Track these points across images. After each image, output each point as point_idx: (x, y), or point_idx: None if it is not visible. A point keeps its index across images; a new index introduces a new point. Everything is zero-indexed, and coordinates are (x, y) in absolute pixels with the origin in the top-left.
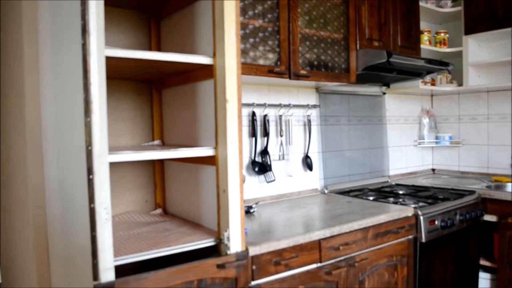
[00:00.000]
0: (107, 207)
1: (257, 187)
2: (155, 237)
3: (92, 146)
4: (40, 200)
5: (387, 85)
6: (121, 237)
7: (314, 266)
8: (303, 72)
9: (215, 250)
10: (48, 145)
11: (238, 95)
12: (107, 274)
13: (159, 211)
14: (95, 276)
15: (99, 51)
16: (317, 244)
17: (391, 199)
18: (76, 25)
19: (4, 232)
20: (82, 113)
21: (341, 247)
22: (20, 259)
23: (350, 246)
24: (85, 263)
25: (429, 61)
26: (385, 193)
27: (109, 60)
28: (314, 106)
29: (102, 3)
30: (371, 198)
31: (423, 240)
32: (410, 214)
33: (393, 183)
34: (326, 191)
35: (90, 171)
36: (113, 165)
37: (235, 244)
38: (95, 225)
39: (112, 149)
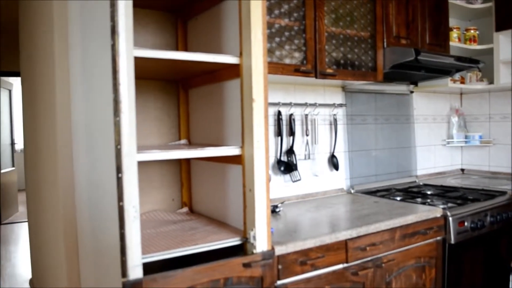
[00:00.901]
0: (135, 205)
1: (282, 187)
2: (182, 235)
3: (121, 145)
4: (70, 198)
5: (415, 83)
6: (148, 235)
7: (340, 266)
8: (329, 71)
9: (241, 249)
10: (77, 145)
11: (264, 94)
12: (135, 271)
13: (185, 209)
14: (124, 273)
15: (128, 52)
16: (344, 244)
17: (419, 200)
18: (105, 26)
19: (35, 229)
20: (111, 113)
21: (368, 248)
22: (50, 255)
23: (377, 246)
24: (113, 260)
25: (458, 58)
26: (412, 193)
27: (138, 61)
28: (340, 105)
29: (130, 4)
30: (398, 198)
31: (452, 241)
32: (438, 215)
33: (421, 183)
34: (352, 191)
35: (119, 169)
36: (140, 164)
37: (261, 243)
38: (124, 223)
39: (140, 148)
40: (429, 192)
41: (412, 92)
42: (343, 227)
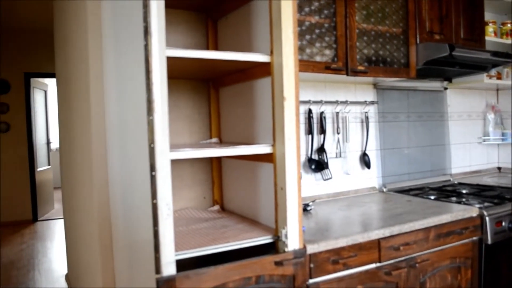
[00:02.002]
0: (168, 203)
1: (313, 185)
2: (214, 233)
3: (155, 144)
4: (104, 196)
5: (449, 79)
6: (180, 232)
7: (373, 266)
8: (360, 68)
9: (272, 247)
10: (111, 144)
11: (295, 92)
12: (169, 268)
13: (216, 207)
14: (157, 269)
15: (161, 52)
16: (377, 244)
17: (454, 199)
18: (137, 27)
19: (70, 226)
20: (144, 112)
21: (401, 247)
22: (86, 252)
23: (410, 246)
24: (147, 256)
25: (494, 53)
26: (447, 192)
27: (170, 60)
28: (372, 103)
29: (163, 5)
30: (432, 197)
31: (489, 242)
32: (474, 215)
33: (456, 182)
34: (384, 190)
35: (152, 168)
36: (172, 162)
37: (292, 241)
38: (158, 220)
39: (172, 146)
40: (464, 191)
41: (446, 88)
42: (375, 226)
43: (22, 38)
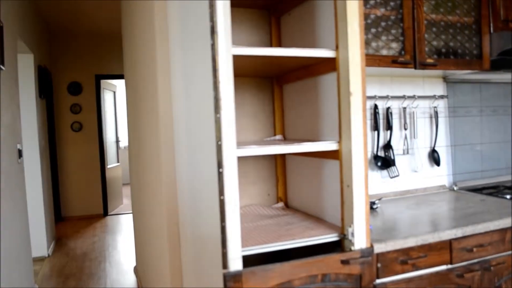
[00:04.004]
0: (235, 200)
1: (379, 183)
2: (278, 230)
3: (222, 141)
4: (172, 192)
5: None
6: (246, 229)
7: (443, 267)
8: (429, 60)
9: (338, 246)
10: (179, 141)
11: (362, 87)
12: (236, 263)
13: (280, 204)
14: (224, 264)
15: (227, 50)
16: (448, 244)
17: None
18: (204, 26)
19: (138, 220)
20: (211, 110)
21: (474, 249)
22: (154, 245)
23: (485, 248)
24: (213, 251)
25: None
26: None
27: (235, 58)
28: (441, 97)
29: (228, 4)
30: (508, 196)
31: None
32: None
33: None
34: (455, 188)
35: (220, 164)
36: (237, 159)
37: (359, 240)
38: (225, 216)
39: (238, 144)
40: None
41: None
42: (446, 226)
43: (92, 42)
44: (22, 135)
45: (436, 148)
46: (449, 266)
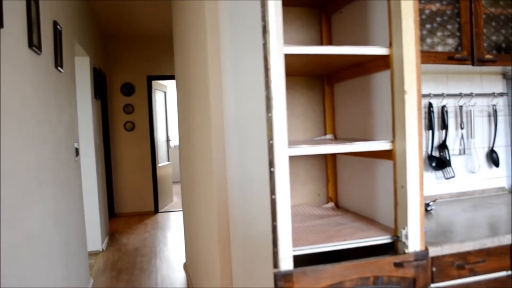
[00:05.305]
0: (287, 199)
1: (434, 184)
2: (329, 230)
3: (273, 140)
4: (223, 190)
5: None
6: (296, 229)
7: (503, 273)
8: (488, 56)
9: (390, 248)
10: (229, 140)
11: (417, 85)
12: (286, 263)
13: (331, 204)
14: (275, 263)
15: (279, 50)
16: (508, 250)
17: None
18: (255, 26)
19: (188, 218)
20: (262, 109)
21: None
22: (203, 243)
23: None
24: (264, 250)
25: None
26: None
27: (286, 58)
28: (501, 94)
29: (280, 4)
30: None
31: None
32: None
33: None
34: None
35: (271, 164)
36: (288, 158)
37: (413, 243)
38: (276, 215)
39: (288, 143)
40: None
41: None
42: (507, 230)
43: (144, 44)
44: (79, 135)
45: (494, 148)
46: (509, 272)
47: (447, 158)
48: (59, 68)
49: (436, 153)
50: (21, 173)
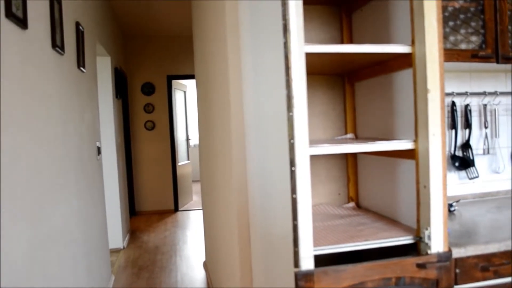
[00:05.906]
0: (307, 198)
1: (457, 184)
2: (350, 230)
3: (294, 139)
4: (243, 189)
5: None
6: (316, 228)
7: None
8: None
9: (413, 249)
10: (249, 139)
11: (440, 84)
12: (307, 263)
13: (351, 204)
14: (296, 263)
15: (300, 48)
16: None
17: None
18: (275, 24)
19: (208, 216)
20: (283, 108)
21: None
22: (223, 241)
23: None
24: (284, 250)
25: None
26: None
27: (307, 56)
28: None
29: (301, 3)
30: None
31: None
32: None
33: None
34: None
35: (292, 163)
36: (309, 157)
37: (436, 243)
38: (297, 214)
39: (309, 142)
40: None
41: None
42: None
43: (164, 44)
44: (100, 134)
45: None
46: None
47: (471, 158)
48: (81, 68)
49: (459, 153)
50: (45, 172)
